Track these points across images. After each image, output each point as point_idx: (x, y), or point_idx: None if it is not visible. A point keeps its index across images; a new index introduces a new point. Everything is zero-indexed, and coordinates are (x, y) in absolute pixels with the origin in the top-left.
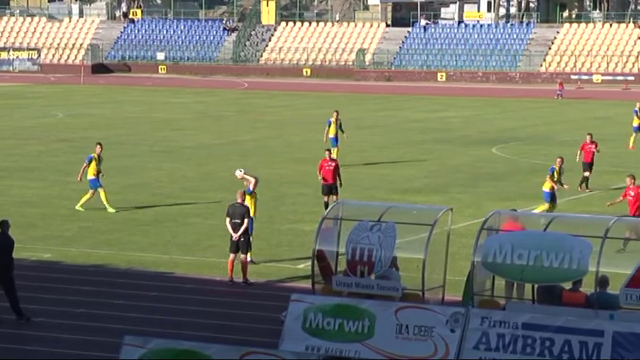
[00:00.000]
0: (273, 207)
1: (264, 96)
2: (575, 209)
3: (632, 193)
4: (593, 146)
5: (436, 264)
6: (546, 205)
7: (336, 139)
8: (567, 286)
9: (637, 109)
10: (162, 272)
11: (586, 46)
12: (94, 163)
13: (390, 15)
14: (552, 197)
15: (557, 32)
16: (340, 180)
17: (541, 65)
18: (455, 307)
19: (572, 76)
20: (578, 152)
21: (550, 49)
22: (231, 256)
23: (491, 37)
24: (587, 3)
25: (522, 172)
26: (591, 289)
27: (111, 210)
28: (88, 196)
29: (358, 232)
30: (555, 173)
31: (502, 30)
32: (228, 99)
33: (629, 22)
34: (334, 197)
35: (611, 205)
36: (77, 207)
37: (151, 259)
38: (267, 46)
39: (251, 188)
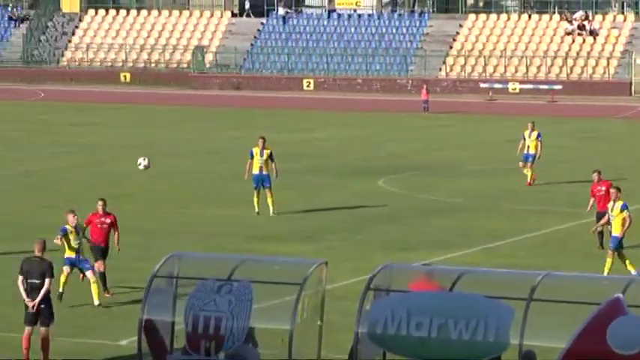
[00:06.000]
0: None
1: (67, 110)
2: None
3: (603, 188)
4: (605, 187)
5: (308, 337)
6: None
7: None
8: None
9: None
10: None
11: (498, 44)
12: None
13: (237, 1)
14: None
15: (461, 26)
16: None
17: (440, 69)
18: None
19: (482, 84)
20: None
21: (451, 47)
22: (27, 329)
23: (373, 31)
24: None
25: (420, 212)
26: None
27: None
28: None
29: (201, 296)
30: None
31: (387, 22)
32: (16, 114)
33: (554, 12)
34: None
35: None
36: None
37: None
38: (69, 41)
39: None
